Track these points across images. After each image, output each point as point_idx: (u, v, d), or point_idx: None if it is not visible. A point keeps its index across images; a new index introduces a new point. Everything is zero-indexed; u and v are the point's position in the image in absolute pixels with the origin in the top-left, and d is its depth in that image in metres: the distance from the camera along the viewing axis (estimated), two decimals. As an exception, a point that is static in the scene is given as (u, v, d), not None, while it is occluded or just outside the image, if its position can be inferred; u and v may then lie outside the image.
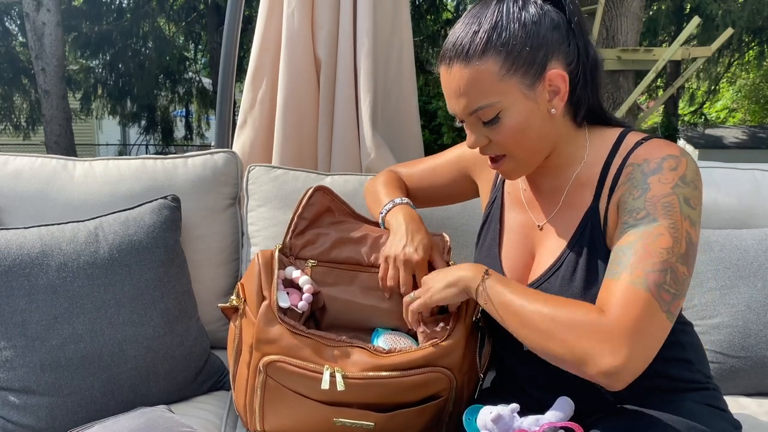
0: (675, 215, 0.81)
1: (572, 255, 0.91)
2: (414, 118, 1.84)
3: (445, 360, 0.96)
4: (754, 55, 11.78)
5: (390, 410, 0.95)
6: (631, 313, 0.77)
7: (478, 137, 0.92)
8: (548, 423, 0.86)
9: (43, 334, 1.10)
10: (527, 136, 0.89)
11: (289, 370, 0.95)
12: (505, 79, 0.86)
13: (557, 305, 0.83)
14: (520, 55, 0.85)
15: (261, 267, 1.05)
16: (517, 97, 0.87)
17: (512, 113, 0.88)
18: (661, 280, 0.78)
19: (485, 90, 0.87)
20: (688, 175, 0.84)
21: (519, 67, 0.86)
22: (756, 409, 1.26)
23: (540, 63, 0.86)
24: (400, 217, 1.10)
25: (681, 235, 0.80)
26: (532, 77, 0.86)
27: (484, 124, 0.90)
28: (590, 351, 0.77)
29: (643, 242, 0.80)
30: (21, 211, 1.33)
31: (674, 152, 0.86)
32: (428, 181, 1.23)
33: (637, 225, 0.82)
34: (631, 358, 0.76)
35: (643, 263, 0.79)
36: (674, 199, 0.82)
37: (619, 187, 0.88)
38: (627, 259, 0.80)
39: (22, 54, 9.96)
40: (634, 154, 0.88)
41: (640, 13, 5.00)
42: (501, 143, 0.90)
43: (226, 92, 1.81)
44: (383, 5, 1.72)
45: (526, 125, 0.88)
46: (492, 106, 0.87)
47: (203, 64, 12.26)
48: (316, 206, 1.17)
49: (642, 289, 0.78)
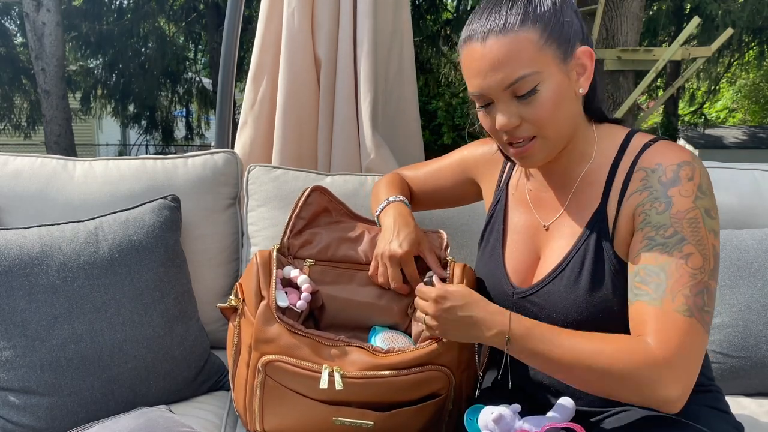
0: (700, 231, 0.82)
1: (578, 256, 0.91)
2: (414, 118, 1.84)
3: (443, 358, 0.96)
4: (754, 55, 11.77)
5: (389, 409, 0.96)
6: (685, 343, 0.78)
7: (511, 116, 0.88)
8: (550, 423, 0.86)
9: (43, 334, 1.10)
10: (561, 113, 0.88)
11: (288, 369, 0.95)
12: (543, 49, 0.86)
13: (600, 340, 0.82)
14: (554, 28, 0.86)
15: (259, 267, 1.05)
16: (554, 69, 0.86)
17: (549, 85, 0.86)
18: (700, 303, 0.80)
19: (526, 59, 0.85)
20: (704, 183, 0.85)
21: (554, 38, 0.86)
22: (756, 409, 1.26)
23: (571, 39, 0.88)
24: (391, 214, 1.11)
25: (708, 251, 0.82)
26: (565, 51, 0.87)
27: (519, 99, 0.87)
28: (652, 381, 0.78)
29: (677, 265, 0.81)
30: (21, 211, 1.33)
31: (687, 158, 0.86)
32: (432, 183, 1.23)
33: (665, 244, 0.82)
34: (688, 383, 0.78)
35: (681, 288, 0.80)
36: (697, 213, 0.83)
37: (633, 194, 0.87)
38: (663, 283, 0.81)
39: (22, 54, 9.96)
40: (644, 158, 0.88)
41: (640, 13, 5.00)
42: (535, 119, 0.87)
43: (226, 92, 1.81)
44: (384, 5, 1.72)
45: (560, 100, 0.87)
46: (532, 75, 0.85)
47: (203, 64, 12.26)
48: (314, 206, 1.17)
49: (687, 316, 0.79)
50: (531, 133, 0.89)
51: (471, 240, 1.40)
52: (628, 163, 0.90)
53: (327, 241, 1.14)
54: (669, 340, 0.78)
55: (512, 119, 0.88)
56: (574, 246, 0.92)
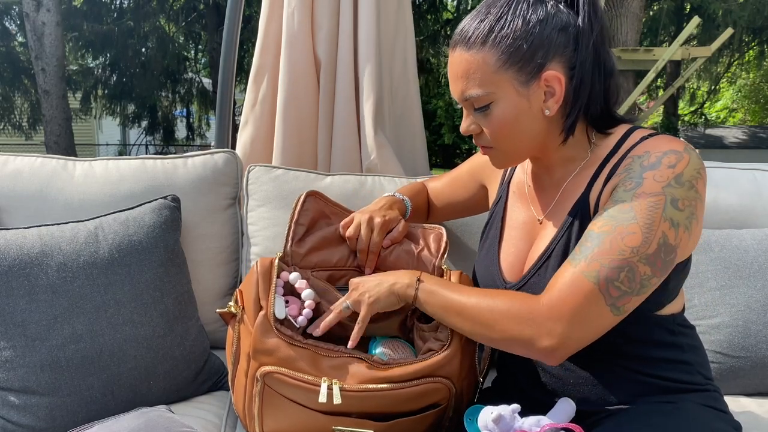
0: (655, 216, 0.82)
1: (561, 245, 0.92)
2: (418, 117, 1.85)
3: (444, 370, 0.96)
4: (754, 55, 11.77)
5: (389, 419, 0.95)
6: (572, 300, 0.82)
7: (470, 124, 0.94)
8: (549, 424, 0.86)
9: (43, 334, 1.10)
10: (514, 132, 0.91)
11: (287, 381, 0.94)
12: (499, 72, 0.88)
13: (495, 297, 0.89)
14: (517, 52, 0.87)
15: (259, 275, 1.03)
16: (509, 92, 0.88)
17: (502, 106, 0.89)
18: (613, 277, 0.81)
19: (480, 79, 0.89)
20: (686, 174, 0.83)
21: (514, 63, 0.87)
22: (756, 409, 1.26)
23: (537, 62, 0.87)
24: (383, 198, 1.21)
25: (653, 236, 0.81)
26: (527, 75, 0.87)
27: (476, 110, 0.92)
28: (530, 335, 0.84)
29: (612, 237, 0.82)
30: (21, 211, 1.33)
31: (677, 147, 0.86)
32: (449, 193, 1.29)
33: (614, 217, 0.83)
34: (565, 339, 0.82)
35: (601, 257, 0.82)
36: (661, 199, 0.82)
37: (616, 176, 0.89)
38: (590, 249, 0.83)
39: (22, 54, 9.96)
40: (637, 147, 0.89)
41: (640, 13, 5.00)
42: (489, 132, 0.93)
43: (226, 92, 1.81)
44: (386, 6, 1.72)
45: (514, 121, 0.90)
46: (484, 95, 0.89)
47: (203, 64, 12.26)
48: (311, 211, 1.16)
49: (590, 281, 0.82)
50: (488, 144, 0.95)
51: (471, 240, 1.40)
52: (620, 155, 0.90)
53: (329, 247, 1.14)
54: (560, 297, 0.83)
55: (470, 126, 0.94)
56: (556, 235, 0.94)
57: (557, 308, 0.82)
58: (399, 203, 1.21)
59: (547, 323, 0.82)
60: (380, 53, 1.68)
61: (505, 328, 0.86)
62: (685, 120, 14.30)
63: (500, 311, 0.87)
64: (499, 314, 0.87)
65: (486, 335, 0.89)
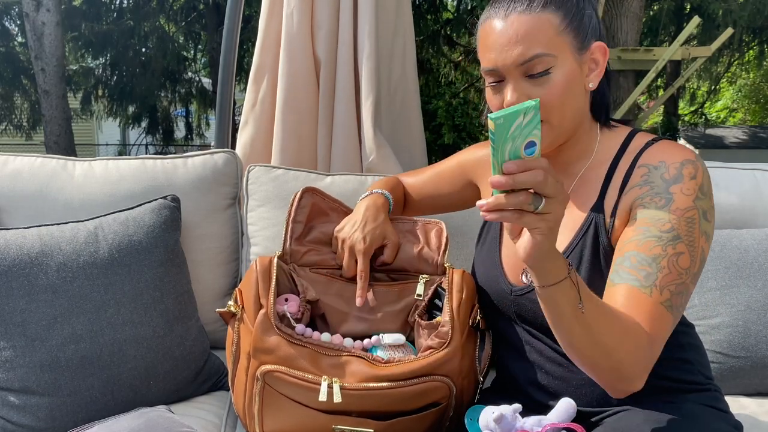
0: (695, 232, 0.83)
1: (576, 252, 0.91)
2: (417, 117, 1.85)
3: (444, 368, 0.96)
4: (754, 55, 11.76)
5: (390, 418, 0.95)
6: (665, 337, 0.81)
7: (521, 95, 0.87)
8: (550, 424, 0.86)
9: (43, 334, 1.10)
10: (568, 101, 0.88)
11: (287, 380, 0.94)
12: (562, 34, 0.87)
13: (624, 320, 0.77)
14: (575, 17, 0.88)
15: (259, 274, 1.03)
16: (569, 56, 0.88)
17: (562, 71, 0.87)
18: (678, 303, 0.82)
19: (544, 40, 0.86)
20: (705, 184, 0.86)
21: (574, 27, 0.88)
22: (756, 409, 1.26)
23: (589, 32, 0.89)
24: (365, 203, 1.13)
25: (697, 253, 0.83)
26: (581, 41, 0.89)
27: (530, 79, 0.87)
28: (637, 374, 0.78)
29: (668, 260, 0.81)
30: (21, 211, 1.33)
31: (690, 157, 0.87)
32: (431, 187, 1.23)
33: (660, 237, 0.83)
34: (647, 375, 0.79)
35: (668, 284, 0.81)
36: (695, 214, 0.83)
37: (633, 188, 0.88)
38: (654, 275, 0.81)
39: (22, 54, 9.95)
40: (646, 155, 0.89)
41: (640, 13, 5.00)
42: (543, 101, 0.86)
43: (226, 92, 1.81)
44: (385, 6, 1.72)
45: (570, 88, 0.88)
46: (547, 57, 0.86)
47: (203, 64, 12.25)
48: (308, 208, 1.15)
49: (670, 312, 0.81)
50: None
51: (470, 240, 1.40)
52: (628, 160, 0.90)
53: (328, 248, 1.14)
54: (658, 331, 0.79)
55: (521, 97, 0.87)
56: (571, 242, 0.92)
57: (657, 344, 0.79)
58: (381, 202, 1.14)
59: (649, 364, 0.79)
60: (379, 53, 1.68)
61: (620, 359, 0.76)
62: (685, 120, 14.29)
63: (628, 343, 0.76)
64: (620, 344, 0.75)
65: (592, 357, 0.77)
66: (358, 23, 1.65)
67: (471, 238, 1.40)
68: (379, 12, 1.68)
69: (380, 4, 1.68)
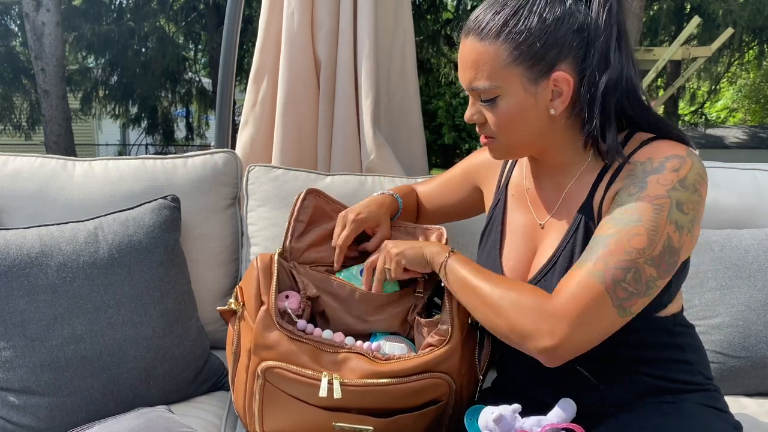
0: (660, 219, 0.82)
1: (567, 250, 0.92)
2: (417, 117, 1.85)
3: (444, 365, 0.96)
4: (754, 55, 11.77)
5: (389, 415, 0.95)
6: (579, 301, 0.81)
7: (474, 113, 0.94)
8: (550, 424, 0.86)
9: (43, 334, 1.10)
10: (517, 127, 0.91)
11: (287, 376, 0.94)
12: (509, 67, 0.87)
13: (510, 286, 0.88)
14: (529, 49, 0.86)
15: (260, 271, 1.04)
16: (517, 88, 0.88)
17: (508, 101, 0.89)
18: (620, 277, 0.80)
19: (489, 72, 0.88)
20: (690, 178, 0.84)
21: (525, 60, 0.86)
22: (756, 409, 1.26)
23: (549, 61, 0.86)
24: (375, 197, 1.20)
25: (659, 238, 0.81)
26: (537, 73, 0.87)
27: (482, 101, 0.92)
28: (531, 330, 0.82)
29: (617, 238, 0.82)
30: (20, 211, 1.32)
31: (680, 152, 0.85)
32: (440, 195, 1.27)
33: (619, 219, 0.83)
34: (567, 341, 0.80)
35: (608, 258, 0.81)
36: (666, 202, 0.82)
37: (618, 182, 0.88)
38: (596, 251, 0.83)
39: (22, 54, 9.96)
40: (638, 153, 0.88)
41: (641, 13, 5.00)
42: (491, 124, 0.92)
43: (226, 92, 1.81)
44: (385, 6, 1.72)
45: (518, 116, 0.89)
46: (491, 89, 0.89)
47: (203, 64, 12.25)
48: (310, 209, 1.17)
49: (597, 281, 0.81)
50: (491, 134, 0.94)
51: (471, 240, 1.40)
52: (621, 160, 0.90)
53: (328, 246, 1.15)
54: (568, 298, 0.81)
55: (475, 116, 0.94)
56: (563, 240, 0.93)
57: (565, 308, 0.81)
58: (389, 202, 1.19)
59: (551, 321, 0.81)
60: (379, 52, 1.68)
61: (509, 317, 0.84)
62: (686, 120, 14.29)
63: (510, 299, 0.85)
64: (509, 302, 0.85)
65: (491, 320, 0.88)
66: (357, 23, 1.65)
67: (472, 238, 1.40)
68: (379, 12, 1.68)
69: (380, 4, 1.68)
